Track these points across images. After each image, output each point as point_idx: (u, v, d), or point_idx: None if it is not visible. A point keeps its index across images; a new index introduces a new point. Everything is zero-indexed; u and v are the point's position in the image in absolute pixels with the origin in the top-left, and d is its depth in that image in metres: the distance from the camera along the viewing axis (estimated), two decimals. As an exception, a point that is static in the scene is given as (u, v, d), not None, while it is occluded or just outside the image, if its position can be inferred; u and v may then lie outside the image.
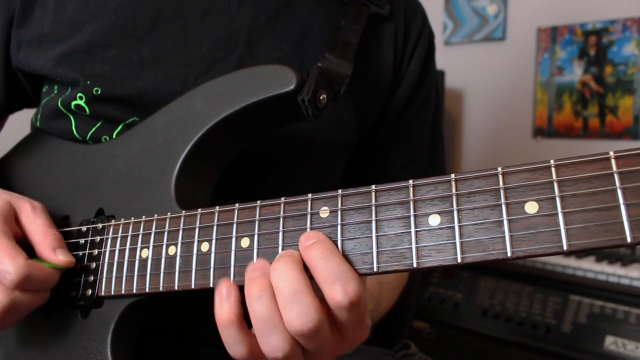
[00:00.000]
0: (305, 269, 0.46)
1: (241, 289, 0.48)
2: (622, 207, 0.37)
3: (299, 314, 0.44)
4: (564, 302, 1.49)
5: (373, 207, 0.46)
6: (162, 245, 0.56)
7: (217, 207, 0.54)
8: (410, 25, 0.81)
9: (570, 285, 1.52)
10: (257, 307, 0.46)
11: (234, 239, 0.51)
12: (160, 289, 0.55)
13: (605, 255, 1.58)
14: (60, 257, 0.58)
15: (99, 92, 0.68)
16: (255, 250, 0.50)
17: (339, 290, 0.43)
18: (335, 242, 0.47)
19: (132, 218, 0.60)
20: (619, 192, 0.37)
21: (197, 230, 0.54)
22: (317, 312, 0.44)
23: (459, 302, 1.65)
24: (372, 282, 0.76)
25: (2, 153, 0.80)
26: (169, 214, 0.57)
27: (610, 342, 1.37)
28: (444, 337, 1.65)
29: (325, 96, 0.61)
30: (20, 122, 0.89)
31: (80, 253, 0.62)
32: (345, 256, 0.46)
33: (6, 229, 0.57)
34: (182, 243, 0.55)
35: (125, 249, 0.59)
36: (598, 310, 1.44)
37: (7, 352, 0.66)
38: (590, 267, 1.51)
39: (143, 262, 0.57)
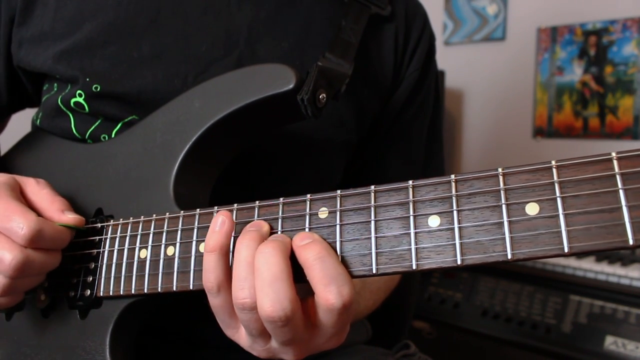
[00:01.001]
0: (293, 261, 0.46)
1: None
2: (624, 209, 0.36)
3: (273, 300, 0.44)
4: (564, 302, 1.49)
5: (372, 208, 0.46)
6: (160, 246, 0.56)
7: (216, 207, 0.53)
8: (411, 26, 0.81)
9: (570, 285, 1.51)
10: (242, 251, 0.47)
11: (232, 239, 0.51)
12: (159, 289, 0.54)
13: (605, 255, 1.58)
14: (70, 216, 0.59)
15: (98, 89, 0.68)
16: (254, 251, 0.50)
17: (334, 292, 0.43)
18: (334, 243, 0.46)
19: (131, 218, 0.60)
20: (621, 193, 0.37)
21: (195, 230, 0.54)
22: (291, 302, 0.44)
23: (459, 302, 1.64)
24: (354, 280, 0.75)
25: (4, 151, 0.80)
26: (167, 214, 0.57)
27: (610, 342, 1.37)
28: (444, 337, 1.64)
29: (324, 95, 0.61)
30: (22, 122, 0.89)
31: (79, 253, 0.62)
32: (344, 257, 0.46)
33: (13, 194, 0.58)
34: (180, 243, 0.54)
35: (123, 249, 0.58)
36: (598, 310, 1.43)
37: (6, 353, 0.65)
38: (590, 267, 1.51)
39: (141, 262, 0.56)
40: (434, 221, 0.43)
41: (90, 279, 0.60)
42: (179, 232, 0.55)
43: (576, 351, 1.39)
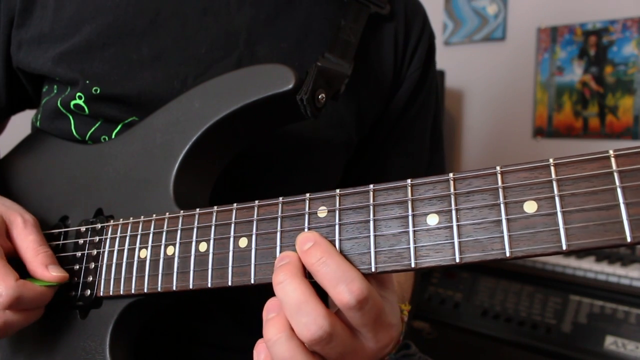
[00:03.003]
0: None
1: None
2: (622, 206, 0.36)
3: (307, 324, 0.43)
4: (564, 302, 1.49)
5: (371, 207, 0.46)
6: (160, 246, 0.56)
7: (215, 207, 0.53)
8: (411, 25, 0.81)
9: (570, 285, 1.51)
10: (276, 350, 0.45)
11: (231, 239, 0.51)
12: (159, 289, 0.55)
13: (605, 255, 1.58)
14: (53, 273, 0.58)
15: (98, 91, 0.68)
16: (253, 251, 0.50)
17: (344, 291, 0.43)
18: (333, 242, 0.46)
19: (131, 218, 0.60)
20: (619, 191, 0.37)
21: (195, 230, 0.54)
22: (325, 318, 0.43)
23: (459, 302, 1.64)
24: (399, 287, 0.75)
25: (4, 153, 0.80)
26: (167, 214, 0.57)
27: (610, 342, 1.37)
28: (444, 337, 1.64)
29: (324, 95, 0.61)
30: (22, 123, 0.89)
31: (79, 253, 0.62)
32: (343, 256, 0.46)
33: None
34: (180, 243, 0.54)
35: (123, 250, 0.59)
36: (598, 310, 1.43)
37: (6, 353, 0.65)
38: (590, 267, 1.51)
39: (141, 262, 0.57)
40: (432, 220, 0.43)
41: (91, 279, 0.60)
42: (179, 232, 0.55)
43: (576, 351, 1.39)
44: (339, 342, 0.44)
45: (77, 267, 0.62)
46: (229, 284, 0.50)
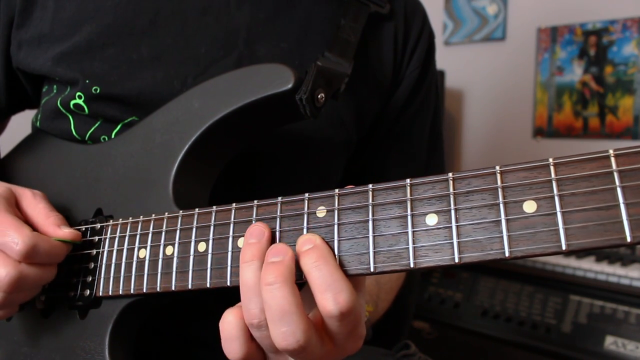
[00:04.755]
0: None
1: None
2: (622, 206, 0.36)
3: (285, 334, 0.43)
4: (564, 302, 1.49)
5: (370, 207, 0.46)
6: (159, 246, 0.56)
7: (215, 207, 0.53)
8: (411, 24, 0.81)
9: (570, 285, 1.51)
10: (245, 273, 0.46)
11: (230, 239, 0.51)
12: (158, 289, 0.55)
13: (605, 255, 1.58)
14: (66, 231, 0.58)
15: (98, 91, 0.68)
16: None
17: (329, 299, 0.43)
18: (332, 242, 0.46)
19: (130, 218, 0.60)
20: (619, 190, 0.37)
21: (194, 230, 0.54)
22: (304, 333, 0.43)
23: (459, 302, 1.64)
24: (370, 284, 0.76)
25: (4, 153, 0.80)
26: (166, 213, 0.57)
27: (610, 342, 1.37)
28: (444, 337, 1.64)
29: (323, 95, 0.61)
30: (22, 123, 0.89)
31: (79, 253, 0.62)
32: (342, 256, 0.46)
33: (9, 208, 0.58)
34: (179, 243, 0.54)
35: (123, 249, 0.59)
36: (598, 310, 1.43)
37: (6, 353, 0.65)
38: (590, 267, 1.51)
39: (140, 262, 0.56)
40: (431, 219, 0.43)
41: (90, 279, 0.60)
42: (178, 231, 0.55)
43: (576, 351, 1.39)
44: (309, 352, 0.45)
45: (77, 266, 0.62)
46: (228, 284, 0.50)
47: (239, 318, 0.47)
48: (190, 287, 0.52)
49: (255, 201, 0.51)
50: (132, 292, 0.56)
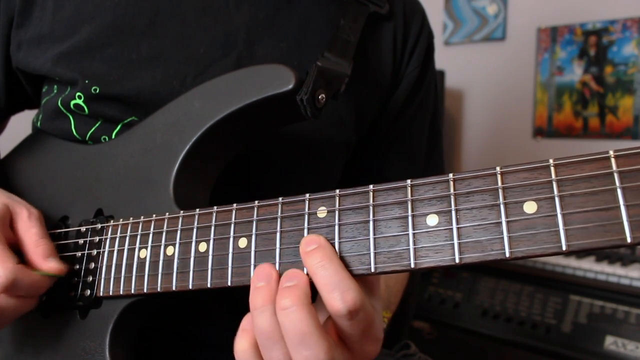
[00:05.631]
0: None
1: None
2: (622, 207, 0.36)
3: (308, 357, 0.43)
4: (564, 302, 1.49)
5: (371, 207, 0.46)
6: (160, 246, 0.56)
7: (215, 208, 0.53)
8: (410, 24, 0.81)
9: (570, 285, 1.51)
10: (260, 321, 0.45)
11: (231, 240, 0.51)
12: (158, 289, 0.55)
13: (605, 255, 1.58)
14: (51, 264, 0.58)
15: (97, 91, 0.68)
16: (252, 251, 0.50)
17: (337, 298, 0.43)
18: (333, 243, 0.46)
19: (131, 218, 0.60)
20: (619, 191, 0.37)
21: (195, 230, 0.54)
22: (327, 354, 0.43)
23: (459, 302, 1.64)
24: (381, 289, 0.76)
25: (4, 153, 0.80)
26: (167, 214, 0.57)
27: (610, 342, 1.37)
28: (444, 337, 1.64)
29: (324, 95, 0.61)
30: (22, 123, 0.89)
31: (79, 253, 0.62)
32: (343, 257, 0.46)
33: (1, 229, 0.57)
34: (180, 243, 0.54)
35: (123, 250, 0.59)
36: (598, 310, 1.43)
37: (6, 353, 0.65)
38: (590, 267, 1.51)
39: (141, 262, 0.56)
40: (432, 220, 0.43)
41: (90, 279, 0.60)
42: (179, 232, 0.55)
43: (576, 351, 1.39)
44: None
45: (77, 267, 0.62)
46: (229, 284, 0.50)
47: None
48: (191, 287, 0.52)
49: (256, 202, 0.51)
50: (132, 292, 0.56)
